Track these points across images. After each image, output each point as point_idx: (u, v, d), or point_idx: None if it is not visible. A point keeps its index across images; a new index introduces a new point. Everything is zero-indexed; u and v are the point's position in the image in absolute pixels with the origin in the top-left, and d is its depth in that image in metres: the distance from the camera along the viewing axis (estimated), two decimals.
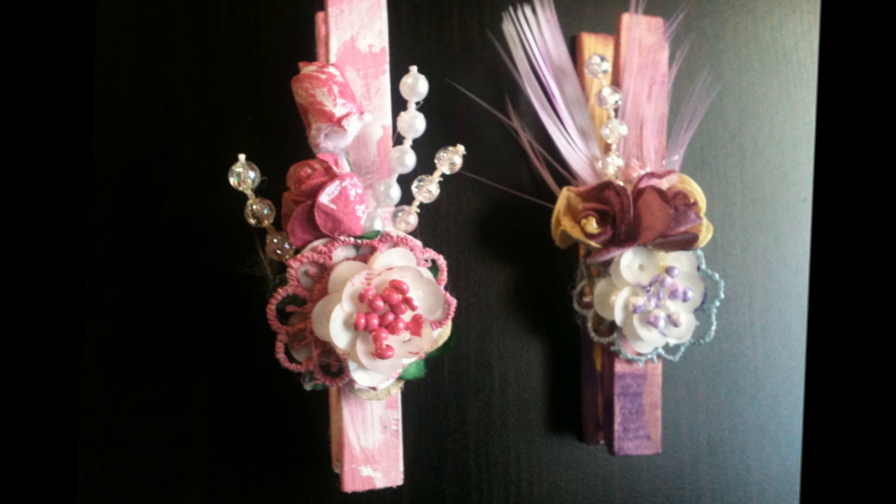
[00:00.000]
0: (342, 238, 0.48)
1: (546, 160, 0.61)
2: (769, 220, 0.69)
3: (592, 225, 0.55)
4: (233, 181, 0.48)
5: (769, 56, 0.71)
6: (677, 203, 0.55)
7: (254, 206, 0.49)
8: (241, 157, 0.48)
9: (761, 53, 0.70)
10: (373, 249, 0.48)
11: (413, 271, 0.47)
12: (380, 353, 0.45)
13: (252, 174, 0.48)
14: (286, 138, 0.58)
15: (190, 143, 0.57)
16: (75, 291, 0.54)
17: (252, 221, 0.49)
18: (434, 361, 0.60)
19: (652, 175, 0.56)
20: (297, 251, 0.48)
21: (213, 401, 0.57)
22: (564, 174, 0.61)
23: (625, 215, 0.55)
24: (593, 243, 0.56)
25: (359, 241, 0.48)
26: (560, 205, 0.57)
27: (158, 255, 0.57)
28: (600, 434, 0.63)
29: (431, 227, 0.61)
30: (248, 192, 0.48)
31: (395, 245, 0.48)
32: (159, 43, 0.58)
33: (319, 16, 0.56)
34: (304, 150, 0.50)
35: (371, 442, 0.51)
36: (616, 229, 0.55)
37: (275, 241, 0.49)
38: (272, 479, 0.58)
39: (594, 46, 0.64)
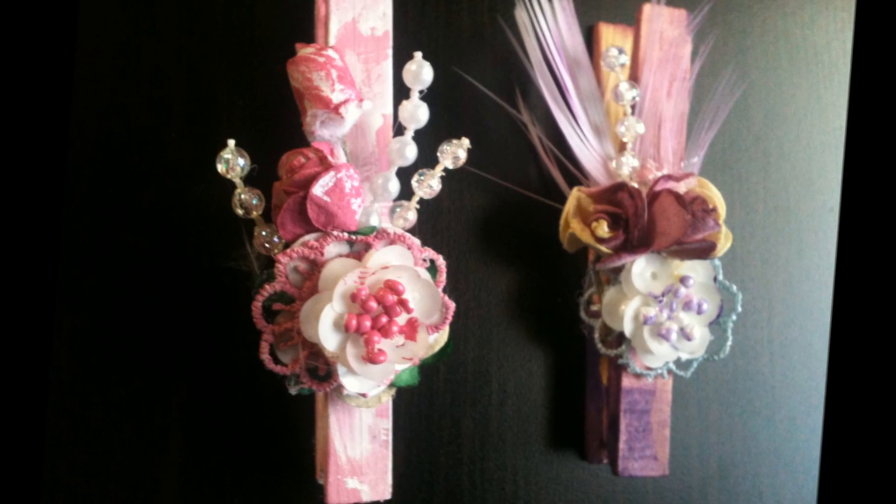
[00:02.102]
0: (335, 233, 0.47)
1: (556, 157, 0.61)
2: (793, 230, 0.69)
3: (603, 228, 0.55)
4: (221, 168, 0.48)
5: (799, 55, 0.71)
6: (695, 208, 0.55)
7: (242, 196, 0.49)
8: (231, 142, 0.48)
9: (790, 52, 0.70)
10: (368, 246, 0.48)
11: (410, 271, 0.47)
12: (371, 358, 0.45)
13: (241, 161, 0.48)
14: (279, 124, 0.58)
15: (176, 125, 0.57)
16: (48, 281, 0.54)
17: (239, 212, 0.49)
18: (429, 368, 0.60)
19: (669, 177, 0.56)
20: (287, 245, 0.48)
21: (191, 402, 0.57)
22: (575, 173, 0.61)
23: (638, 219, 0.55)
24: (604, 248, 0.56)
25: (353, 237, 0.48)
26: (570, 206, 0.57)
27: (138, 244, 0.56)
28: (604, 452, 0.63)
29: (431, 225, 0.61)
30: (237, 181, 0.48)
31: (392, 243, 0.48)
32: (146, 17, 0.58)
33: None
34: (299, 138, 0.50)
35: (358, 452, 0.51)
36: (629, 234, 0.55)
37: (263, 233, 0.49)
38: (251, 487, 0.58)
39: (612, 38, 0.64)
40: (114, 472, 0.56)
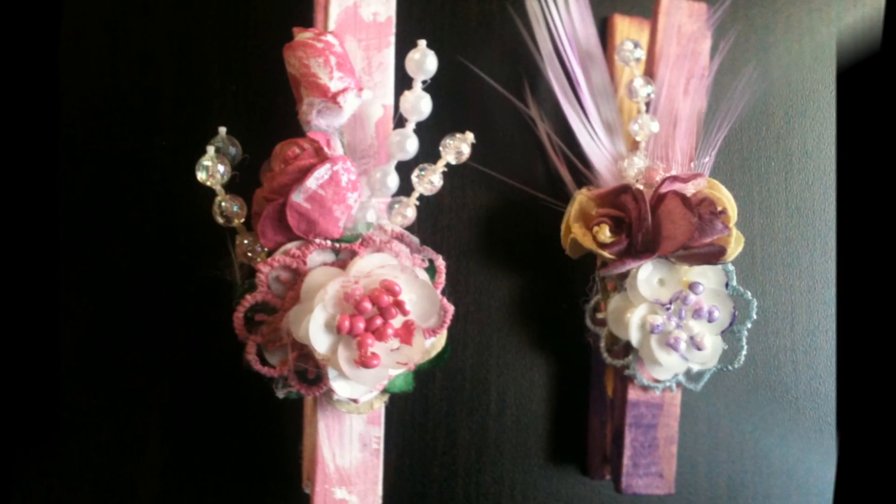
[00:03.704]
0: (318, 241, 0.47)
1: (565, 155, 0.61)
2: (817, 233, 0.69)
3: (605, 233, 0.55)
4: (201, 176, 0.49)
5: (824, 53, 0.70)
6: (702, 211, 0.54)
7: (223, 204, 0.48)
8: (210, 149, 0.48)
9: (815, 50, 0.70)
10: (354, 254, 0.48)
11: (407, 272, 0.47)
12: (364, 362, 0.45)
13: (222, 168, 0.48)
14: (274, 112, 0.58)
15: (167, 112, 0.58)
16: (33, 286, 0.54)
17: (220, 220, 0.49)
18: (424, 374, 0.60)
19: (675, 179, 0.55)
20: (270, 254, 0.48)
21: (172, 405, 0.57)
22: (584, 172, 0.60)
23: (641, 223, 0.54)
24: (606, 254, 0.55)
25: (336, 245, 0.48)
26: (571, 209, 0.57)
27: (123, 241, 0.57)
28: (607, 468, 0.63)
29: (431, 223, 0.61)
30: (218, 188, 0.48)
31: (379, 250, 0.48)
32: (137, 5, 0.58)
33: None
34: (294, 127, 0.50)
35: (347, 461, 0.51)
36: (632, 239, 0.55)
37: (245, 242, 0.49)
38: (234, 495, 0.58)
39: (627, 31, 0.64)
40: (91, 477, 0.56)
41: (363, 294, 0.46)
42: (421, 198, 0.50)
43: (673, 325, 0.56)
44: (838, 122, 0.65)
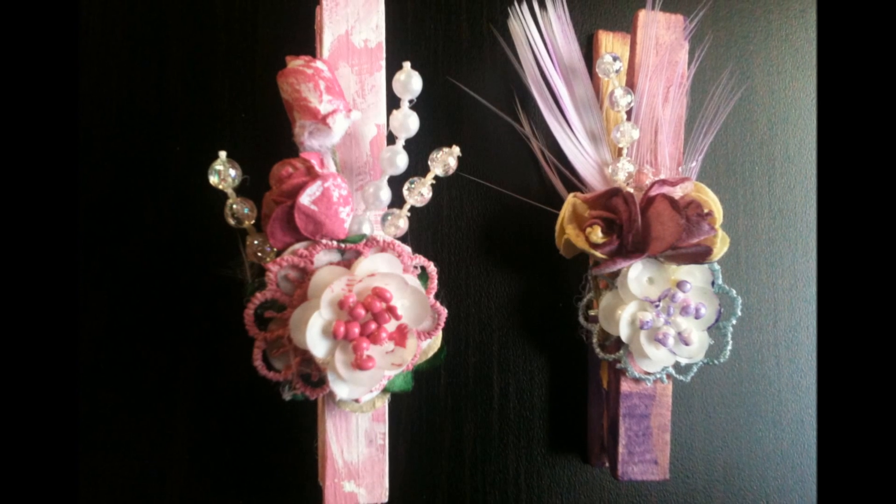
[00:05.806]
0: (324, 241, 0.47)
1: (555, 165, 0.60)
2: (798, 234, 0.67)
3: (597, 234, 0.54)
4: (213, 179, 0.48)
5: (803, 59, 0.69)
6: (689, 213, 0.53)
7: (234, 206, 0.48)
8: (222, 154, 0.48)
9: (794, 56, 0.68)
10: (358, 254, 0.48)
11: (397, 279, 0.46)
12: (359, 364, 0.45)
13: (233, 172, 0.48)
14: (281, 136, 0.58)
15: (181, 139, 0.58)
16: (54, 277, 0.54)
17: (231, 222, 0.49)
18: (430, 373, 0.60)
19: (664, 182, 0.55)
20: (279, 254, 0.48)
21: (197, 405, 0.57)
22: (573, 180, 0.60)
23: (632, 224, 0.53)
24: (598, 253, 0.54)
25: (342, 246, 0.47)
26: (565, 211, 0.56)
27: (145, 254, 0.57)
28: (606, 456, 0.61)
29: (432, 232, 0.60)
30: (229, 191, 0.48)
31: (383, 250, 0.48)
32: (150, 35, 0.58)
33: (319, 8, 0.55)
34: (297, 149, 0.50)
35: (355, 456, 0.51)
36: (623, 239, 0.54)
37: (255, 242, 0.48)
38: (256, 489, 0.58)
39: (611, 45, 0.63)
40: (120, 472, 0.56)
41: (357, 301, 0.45)
42: (421, 210, 0.50)
43: (661, 322, 0.55)
44: (819, 128, 0.64)
